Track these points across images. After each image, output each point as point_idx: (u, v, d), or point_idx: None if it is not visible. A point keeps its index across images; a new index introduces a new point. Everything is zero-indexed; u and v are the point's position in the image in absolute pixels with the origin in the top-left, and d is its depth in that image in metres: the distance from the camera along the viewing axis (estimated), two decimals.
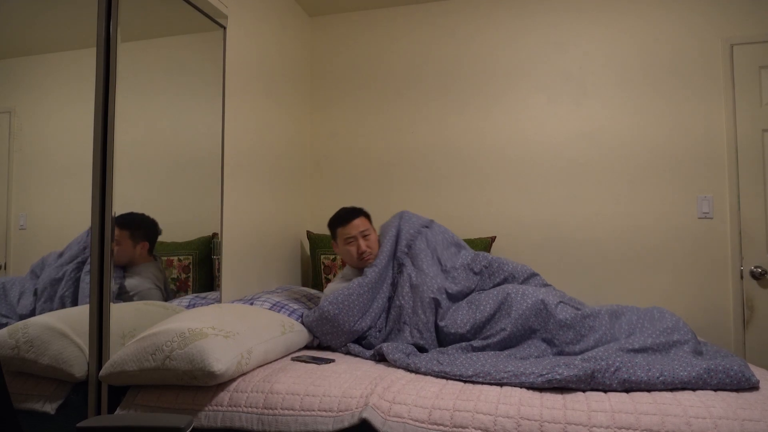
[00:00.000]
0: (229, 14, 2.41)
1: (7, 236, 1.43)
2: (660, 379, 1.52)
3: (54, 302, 1.54)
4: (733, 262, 2.68)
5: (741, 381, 1.50)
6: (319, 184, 3.34)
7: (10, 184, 1.44)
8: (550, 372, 1.55)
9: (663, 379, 1.52)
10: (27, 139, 1.47)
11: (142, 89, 1.88)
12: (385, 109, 3.24)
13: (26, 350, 1.47)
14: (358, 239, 2.22)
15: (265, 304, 2.22)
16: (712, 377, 1.51)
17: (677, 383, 1.51)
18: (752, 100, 2.71)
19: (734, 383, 1.50)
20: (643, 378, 1.52)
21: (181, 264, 2.07)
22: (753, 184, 2.68)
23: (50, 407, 1.55)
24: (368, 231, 2.25)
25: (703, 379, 1.51)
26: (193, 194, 2.16)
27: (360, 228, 2.24)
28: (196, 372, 1.52)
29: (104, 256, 1.67)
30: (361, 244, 2.21)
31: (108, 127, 1.69)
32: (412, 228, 2.29)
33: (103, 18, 1.69)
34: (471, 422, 1.39)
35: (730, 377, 1.51)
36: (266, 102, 2.81)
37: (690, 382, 1.51)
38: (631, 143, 2.85)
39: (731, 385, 1.50)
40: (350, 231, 2.23)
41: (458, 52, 3.14)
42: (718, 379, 1.51)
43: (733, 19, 2.76)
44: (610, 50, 2.91)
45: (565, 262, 2.90)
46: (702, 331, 2.70)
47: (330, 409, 1.48)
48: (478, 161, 3.07)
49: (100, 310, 1.65)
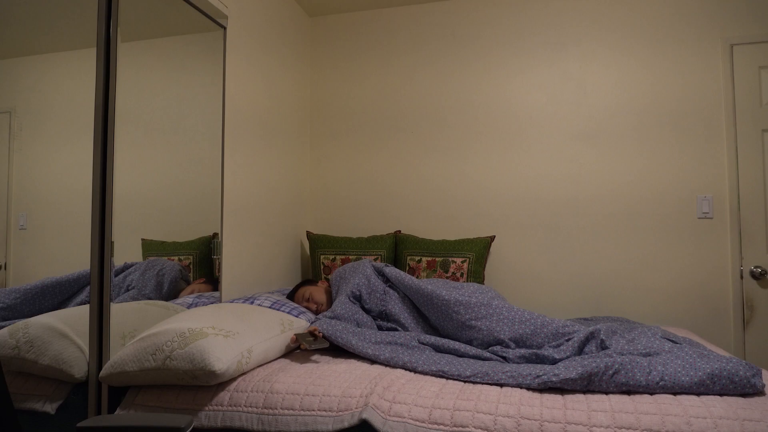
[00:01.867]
0: (229, 14, 2.41)
1: (7, 236, 1.43)
2: (660, 384, 1.49)
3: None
4: (733, 262, 2.68)
5: (746, 387, 1.45)
6: (319, 185, 3.34)
7: (10, 184, 1.44)
8: (547, 374, 1.54)
9: (663, 384, 1.49)
10: (27, 139, 1.47)
11: (142, 89, 1.88)
12: (385, 109, 3.24)
13: (27, 350, 1.47)
14: (306, 305, 2.44)
15: (265, 303, 2.22)
16: (715, 383, 1.47)
17: (677, 389, 1.48)
18: (752, 101, 2.71)
19: (738, 390, 1.46)
20: (642, 382, 1.49)
21: (181, 264, 2.07)
22: (753, 184, 2.68)
23: (50, 407, 1.55)
24: (307, 294, 2.47)
25: (706, 384, 1.47)
26: (194, 193, 2.16)
27: (301, 298, 2.48)
28: (196, 372, 1.52)
29: (104, 256, 1.67)
30: (310, 306, 2.43)
31: (108, 126, 1.69)
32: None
33: (103, 18, 1.69)
34: (471, 421, 1.39)
35: (734, 383, 1.46)
36: (267, 101, 2.81)
37: (691, 387, 1.47)
38: (630, 143, 2.85)
39: (735, 391, 1.46)
40: (298, 303, 2.46)
41: (459, 52, 3.14)
42: (721, 385, 1.46)
43: (733, 19, 2.76)
44: (610, 50, 2.91)
45: (564, 263, 2.90)
46: (702, 331, 2.70)
47: (330, 409, 1.48)
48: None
49: (100, 310, 1.65)
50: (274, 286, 2.85)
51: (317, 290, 2.49)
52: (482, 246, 2.83)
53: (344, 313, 2.13)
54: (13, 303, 1.45)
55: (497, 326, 1.99)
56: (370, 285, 2.33)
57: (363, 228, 3.22)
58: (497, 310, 2.03)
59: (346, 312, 2.14)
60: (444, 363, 1.76)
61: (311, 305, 2.44)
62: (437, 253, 2.85)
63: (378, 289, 2.32)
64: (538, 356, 1.83)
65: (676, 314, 2.74)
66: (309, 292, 2.48)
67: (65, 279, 1.59)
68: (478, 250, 2.81)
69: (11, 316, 1.44)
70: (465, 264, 2.78)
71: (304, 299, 2.47)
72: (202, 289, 2.19)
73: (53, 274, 1.55)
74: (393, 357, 1.81)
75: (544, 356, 1.81)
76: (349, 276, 2.40)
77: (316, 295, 2.46)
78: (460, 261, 2.78)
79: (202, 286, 2.18)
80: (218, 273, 2.28)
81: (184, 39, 2.13)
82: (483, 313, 2.03)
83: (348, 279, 2.38)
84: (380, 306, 2.27)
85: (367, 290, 2.31)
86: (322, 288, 2.54)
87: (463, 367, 1.69)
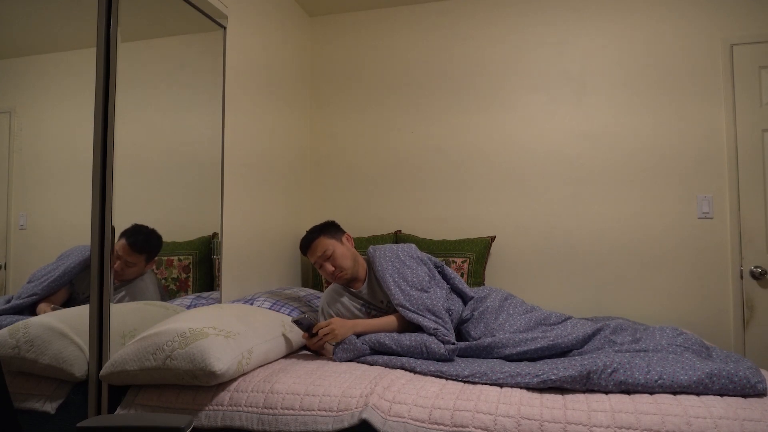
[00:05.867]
0: (229, 14, 2.41)
1: (7, 236, 1.43)
2: (658, 383, 1.48)
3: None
4: (733, 262, 2.68)
5: (746, 387, 1.44)
6: (318, 184, 3.34)
7: (10, 184, 1.44)
8: (545, 373, 1.55)
9: (662, 382, 1.48)
10: (27, 139, 1.47)
11: (142, 89, 1.88)
12: (386, 109, 3.24)
13: (27, 350, 1.48)
14: (324, 264, 2.12)
15: (265, 304, 2.22)
16: (714, 382, 1.46)
17: (676, 387, 1.48)
18: (752, 100, 2.71)
19: (738, 390, 1.45)
20: (641, 380, 1.49)
21: (181, 264, 2.07)
22: (753, 184, 2.68)
23: (50, 407, 1.55)
24: (329, 250, 2.10)
25: (704, 384, 1.46)
26: (194, 194, 2.16)
27: (319, 252, 2.11)
28: (196, 372, 1.52)
29: (104, 255, 1.67)
30: (327, 267, 2.10)
31: (108, 126, 1.69)
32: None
33: (103, 18, 1.69)
34: (471, 422, 1.39)
35: (734, 383, 1.45)
36: (266, 102, 2.81)
37: (690, 386, 1.47)
38: (630, 143, 2.85)
39: (734, 391, 1.45)
40: (312, 257, 2.14)
41: (459, 53, 3.14)
42: (720, 385, 1.46)
43: (733, 19, 2.76)
44: (609, 50, 2.91)
45: (564, 263, 2.90)
46: (702, 331, 2.70)
47: (330, 409, 1.48)
48: (478, 161, 3.07)
49: (100, 310, 1.65)
50: (274, 286, 2.85)
51: (343, 251, 2.13)
52: (482, 246, 2.83)
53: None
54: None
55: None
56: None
57: (363, 228, 3.22)
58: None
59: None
60: (441, 364, 1.76)
61: (328, 266, 2.10)
62: (437, 253, 2.85)
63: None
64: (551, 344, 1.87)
65: (676, 314, 2.74)
66: (332, 250, 2.10)
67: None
68: (478, 250, 2.81)
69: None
70: (465, 264, 2.78)
71: (322, 256, 2.09)
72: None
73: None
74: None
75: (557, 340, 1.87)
76: (429, 286, 2.08)
77: (340, 259, 2.10)
78: (460, 261, 2.79)
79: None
80: (218, 273, 2.29)
81: (184, 39, 2.13)
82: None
83: (430, 289, 2.07)
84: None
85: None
86: (349, 248, 2.19)
87: (462, 368, 1.69)
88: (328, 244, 2.12)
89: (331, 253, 2.10)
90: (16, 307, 1.46)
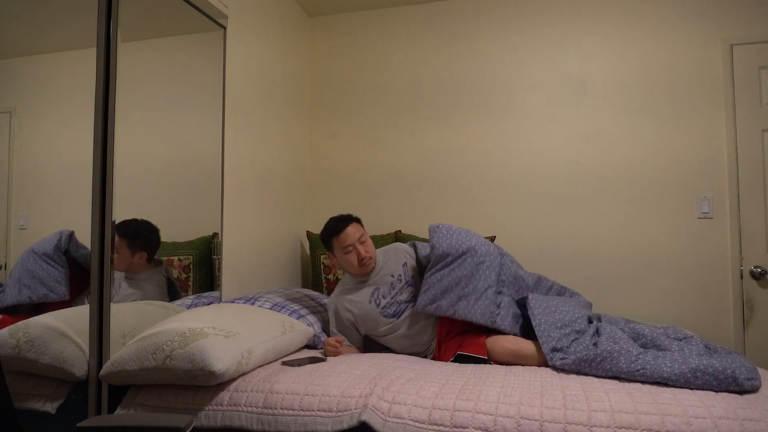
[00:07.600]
0: (229, 14, 2.41)
1: (7, 236, 1.43)
2: (639, 372, 1.54)
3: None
4: (733, 262, 2.68)
5: (731, 386, 1.44)
6: (318, 185, 3.34)
7: (10, 184, 1.44)
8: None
9: (643, 372, 1.53)
10: (27, 139, 1.47)
11: (142, 89, 1.88)
12: (386, 108, 3.24)
13: (27, 350, 1.47)
14: (357, 246, 2.15)
15: (265, 304, 2.22)
16: (698, 377, 1.47)
17: (657, 378, 1.51)
18: (752, 101, 2.71)
19: (722, 387, 1.45)
20: (624, 368, 1.56)
21: (181, 264, 2.07)
22: (753, 184, 2.68)
23: (50, 407, 1.55)
24: (364, 236, 2.19)
25: (686, 378, 1.47)
26: (194, 194, 2.16)
27: (356, 235, 2.16)
28: (196, 372, 1.52)
29: (104, 255, 1.67)
30: (360, 250, 2.14)
31: (108, 126, 1.69)
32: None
33: (103, 18, 1.69)
34: (471, 422, 1.38)
35: (718, 381, 1.45)
36: (267, 102, 2.81)
37: (670, 379, 1.49)
38: (630, 144, 2.85)
39: (717, 388, 1.45)
40: (346, 240, 2.15)
41: (459, 53, 3.14)
42: (703, 381, 1.46)
43: (733, 19, 2.76)
44: (609, 51, 2.91)
45: (564, 263, 2.90)
46: (702, 331, 2.70)
47: (329, 409, 1.48)
48: (478, 162, 3.07)
49: (100, 310, 1.65)
50: (274, 286, 2.85)
51: (369, 241, 2.23)
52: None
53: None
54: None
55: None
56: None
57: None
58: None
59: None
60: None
61: (361, 250, 2.15)
62: None
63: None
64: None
65: (676, 314, 2.74)
66: (366, 236, 2.21)
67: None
68: None
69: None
70: None
71: (359, 239, 2.15)
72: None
73: None
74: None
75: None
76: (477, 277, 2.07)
77: (371, 246, 2.20)
78: None
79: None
80: (218, 273, 2.29)
81: (184, 39, 2.13)
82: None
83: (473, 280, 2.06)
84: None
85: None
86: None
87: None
88: (363, 230, 2.23)
89: (366, 239, 2.19)
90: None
